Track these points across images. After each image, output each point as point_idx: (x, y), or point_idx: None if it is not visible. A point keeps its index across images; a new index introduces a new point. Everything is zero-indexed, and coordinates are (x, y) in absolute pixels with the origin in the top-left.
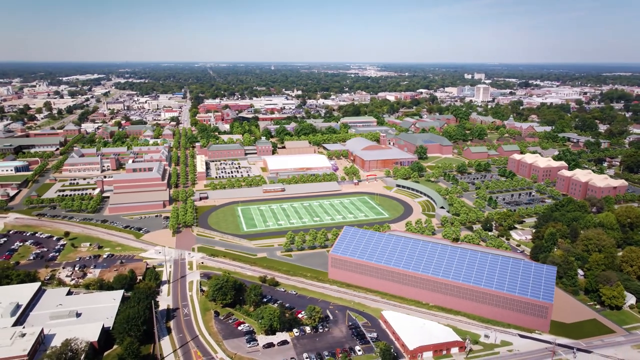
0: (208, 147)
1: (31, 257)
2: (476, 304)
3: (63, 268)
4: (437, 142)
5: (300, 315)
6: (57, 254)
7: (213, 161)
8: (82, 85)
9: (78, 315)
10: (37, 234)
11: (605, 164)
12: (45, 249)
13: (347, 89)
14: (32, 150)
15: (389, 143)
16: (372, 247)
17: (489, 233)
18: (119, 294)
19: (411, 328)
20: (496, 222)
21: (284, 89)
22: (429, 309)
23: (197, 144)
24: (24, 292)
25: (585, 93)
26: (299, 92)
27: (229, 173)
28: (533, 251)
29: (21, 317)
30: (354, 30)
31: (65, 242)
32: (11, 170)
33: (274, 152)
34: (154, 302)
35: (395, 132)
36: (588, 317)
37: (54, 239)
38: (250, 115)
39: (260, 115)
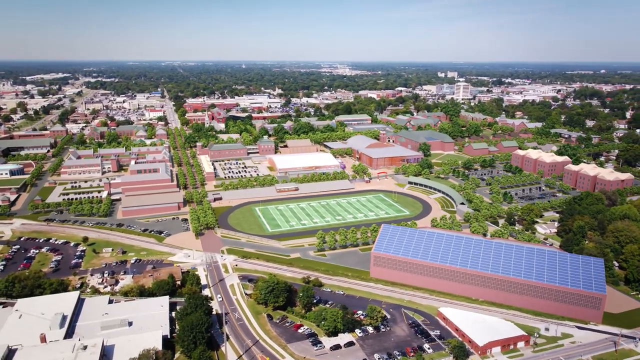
0: (210, 147)
1: (52, 265)
2: (527, 297)
3: (91, 275)
4: (439, 139)
5: (356, 315)
6: (80, 260)
7: (216, 161)
8: (49, 85)
9: (130, 324)
10: (51, 240)
11: (603, 158)
12: (64, 256)
13: (326, 88)
14: (23, 153)
15: (389, 141)
16: (415, 244)
17: (515, 227)
18: (164, 300)
19: (473, 324)
20: (519, 217)
21: (262, 88)
22: (480, 304)
23: (198, 144)
24: (64, 302)
25: (559, 90)
26: (280, 91)
27: (236, 173)
28: (564, 244)
29: (69, 328)
30: (322, 29)
31: (84, 248)
32: (6, 174)
33: (276, 151)
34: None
35: (393, 130)
36: (634, 307)
37: (72, 245)
38: (239, 114)
39: (253, 115)
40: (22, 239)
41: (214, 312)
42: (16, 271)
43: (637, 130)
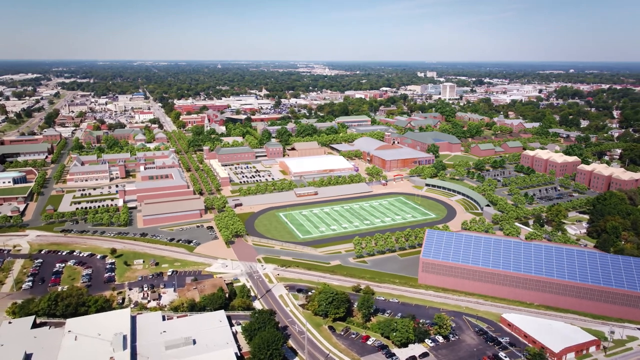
0: (217, 151)
1: (84, 280)
2: (584, 300)
3: (130, 289)
4: (446, 140)
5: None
6: (112, 273)
7: (225, 165)
8: (21, 86)
9: (194, 342)
10: (75, 253)
11: (607, 158)
12: (93, 269)
13: (311, 88)
14: (20, 159)
15: (393, 142)
16: (464, 249)
17: (545, 229)
18: (220, 314)
19: (541, 330)
20: (547, 218)
21: (247, 88)
22: (536, 308)
23: (205, 147)
24: (117, 320)
25: (540, 90)
26: (266, 92)
27: (250, 178)
28: (600, 245)
29: (132, 349)
30: (296, 29)
31: (113, 261)
32: (9, 182)
33: (284, 154)
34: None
35: (397, 131)
36: None
37: (98, 257)
38: (234, 116)
39: (253, 116)
40: (42, 252)
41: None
42: (48, 287)
43: (630, 129)
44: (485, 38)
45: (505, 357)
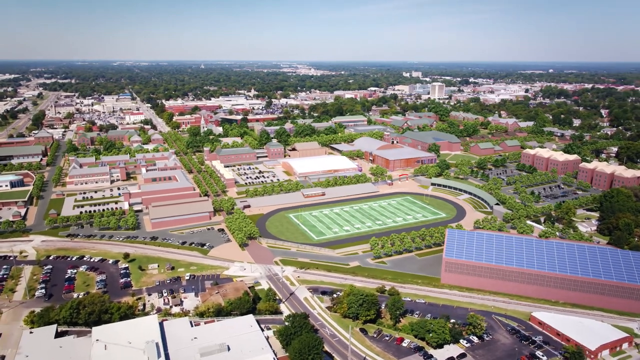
0: (218, 152)
1: (99, 286)
2: (609, 297)
3: (149, 295)
4: (446, 139)
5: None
6: (128, 279)
7: (227, 166)
8: (0, 87)
9: (228, 348)
10: (85, 258)
11: (603, 156)
12: (107, 275)
13: (299, 88)
14: (14, 162)
15: (392, 142)
16: (486, 248)
17: (558, 226)
18: (250, 319)
19: (573, 328)
20: (558, 216)
21: (235, 89)
22: (562, 306)
23: (205, 149)
24: (145, 327)
25: (527, 90)
26: (255, 92)
27: (254, 179)
28: (615, 242)
29: (166, 357)
30: (279, 29)
31: (126, 265)
32: (6, 185)
33: (284, 155)
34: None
35: (394, 131)
36: None
37: (110, 262)
38: (228, 117)
39: (248, 117)
40: (51, 258)
41: None
42: (62, 294)
43: (621, 127)
44: (465, 39)
45: (542, 355)
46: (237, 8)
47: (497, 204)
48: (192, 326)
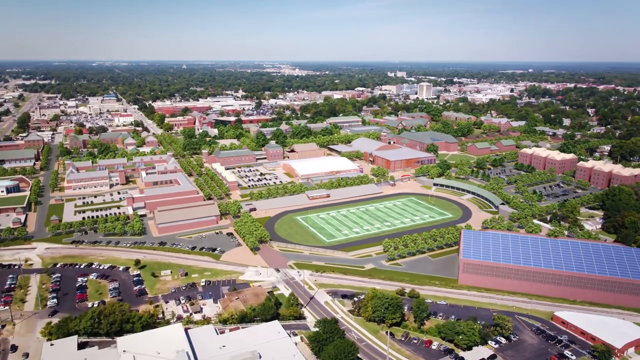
0: (216, 154)
1: (113, 294)
2: (627, 295)
3: (166, 302)
4: (443, 139)
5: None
6: (142, 286)
7: (227, 169)
8: None
9: (260, 356)
10: (94, 266)
11: (597, 154)
12: (119, 282)
13: (286, 88)
14: (7, 166)
15: (389, 142)
16: (503, 249)
17: (564, 225)
18: (276, 325)
19: (597, 326)
20: (562, 214)
21: (222, 89)
22: (581, 304)
23: (204, 151)
24: (171, 336)
25: (512, 89)
26: (243, 93)
27: (256, 181)
28: (623, 240)
29: None
30: (262, 29)
31: (138, 272)
32: (2, 191)
33: (284, 157)
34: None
35: (390, 131)
36: None
37: (120, 269)
38: (221, 118)
39: (241, 118)
40: (58, 266)
41: None
42: (75, 304)
43: (610, 126)
44: (446, 39)
45: (571, 355)
46: (216, 8)
47: (502, 203)
48: (217, 334)
